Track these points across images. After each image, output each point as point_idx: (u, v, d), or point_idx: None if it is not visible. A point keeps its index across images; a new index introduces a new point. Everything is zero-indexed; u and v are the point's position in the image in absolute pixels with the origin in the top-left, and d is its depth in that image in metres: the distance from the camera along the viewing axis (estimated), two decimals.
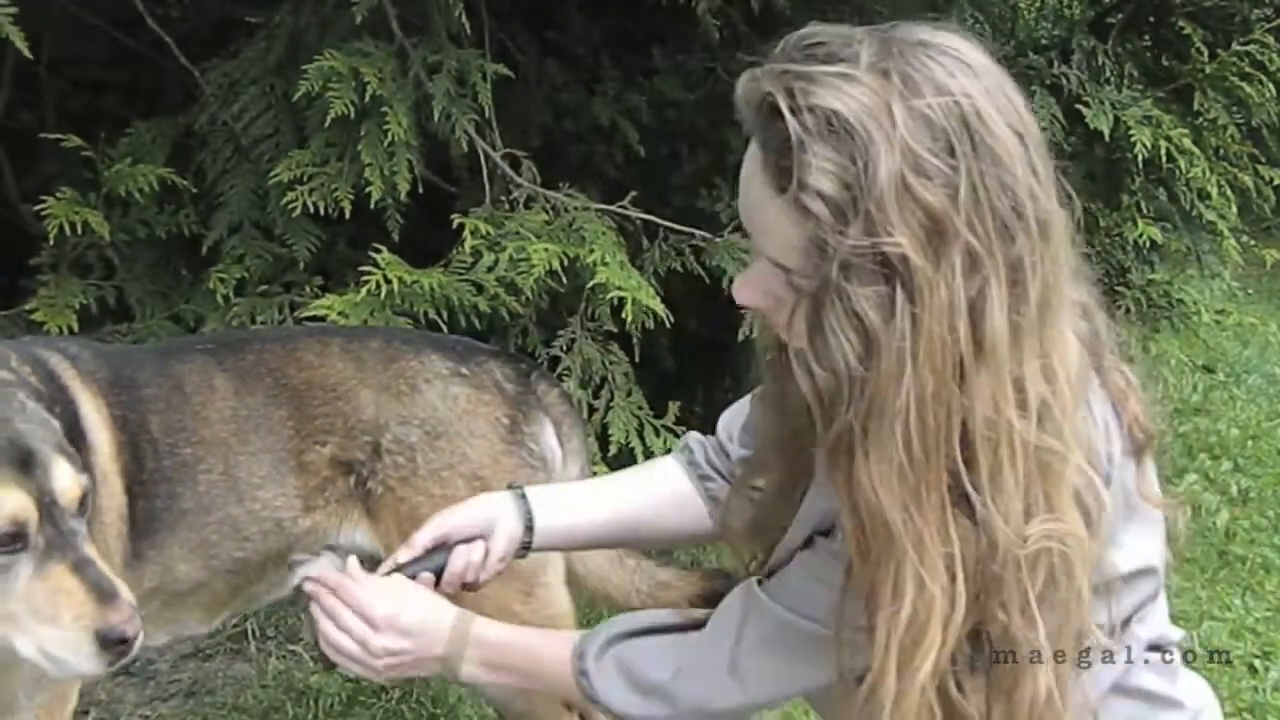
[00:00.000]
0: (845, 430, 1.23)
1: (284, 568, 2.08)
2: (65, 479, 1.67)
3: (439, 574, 1.72)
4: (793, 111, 1.20)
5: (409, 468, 2.22)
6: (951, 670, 1.29)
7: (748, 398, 1.79)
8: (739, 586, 1.60)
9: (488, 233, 2.97)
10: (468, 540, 1.72)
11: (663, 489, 1.83)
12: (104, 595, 1.63)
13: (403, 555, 1.72)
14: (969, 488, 1.24)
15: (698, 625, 1.61)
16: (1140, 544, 1.44)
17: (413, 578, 1.70)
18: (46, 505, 1.63)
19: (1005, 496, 1.24)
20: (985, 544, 1.25)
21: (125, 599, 1.64)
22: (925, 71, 1.21)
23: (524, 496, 1.76)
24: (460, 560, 1.71)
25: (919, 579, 1.24)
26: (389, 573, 1.71)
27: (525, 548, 1.76)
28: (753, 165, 1.27)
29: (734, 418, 1.84)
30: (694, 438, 1.88)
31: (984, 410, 1.22)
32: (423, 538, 1.73)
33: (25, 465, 1.63)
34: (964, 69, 1.22)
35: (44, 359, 2.00)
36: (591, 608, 2.67)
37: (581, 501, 1.82)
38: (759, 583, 1.56)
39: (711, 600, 1.70)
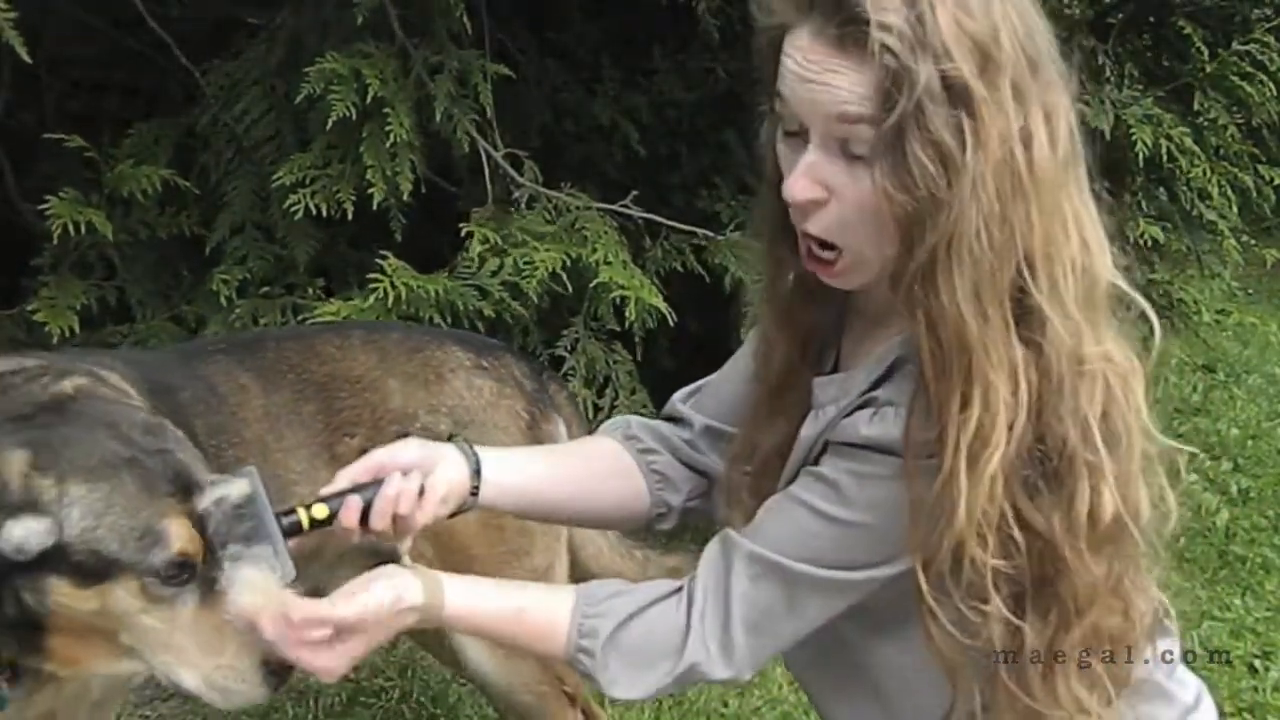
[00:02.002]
0: (929, 255, 1.35)
1: (315, 563, 1.95)
2: None
3: (368, 505, 1.56)
4: None
5: None
6: (1020, 480, 1.39)
7: (701, 381, 1.84)
8: (714, 539, 1.57)
9: (494, 241, 2.97)
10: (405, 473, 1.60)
11: (604, 464, 1.79)
12: None
13: (326, 490, 1.59)
14: (1035, 297, 1.36)
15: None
16: None
17: (334, 512, 1.56)
18: None
19: (1063, 312, 1.37)
20: (1047, 357, 1.37)
21: None
22: None
23: (468, 444, 1.68)
24: (393, 486, 1.56)
25: (986, 385, 1.35)
26: (314, 502, 1.56)
27: (473, 495, 1.65)
28: (805, 42, 1.37)
29: (687, 394, 1.84)
30: (632, 418, 1.86)
31: (1043, 228, 1.36)
32: (353, 470, 1.60)
33: (188, 496, 1.57)
34: None
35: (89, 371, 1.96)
36: None
37: (527, 463, 1.75)
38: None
39: None
